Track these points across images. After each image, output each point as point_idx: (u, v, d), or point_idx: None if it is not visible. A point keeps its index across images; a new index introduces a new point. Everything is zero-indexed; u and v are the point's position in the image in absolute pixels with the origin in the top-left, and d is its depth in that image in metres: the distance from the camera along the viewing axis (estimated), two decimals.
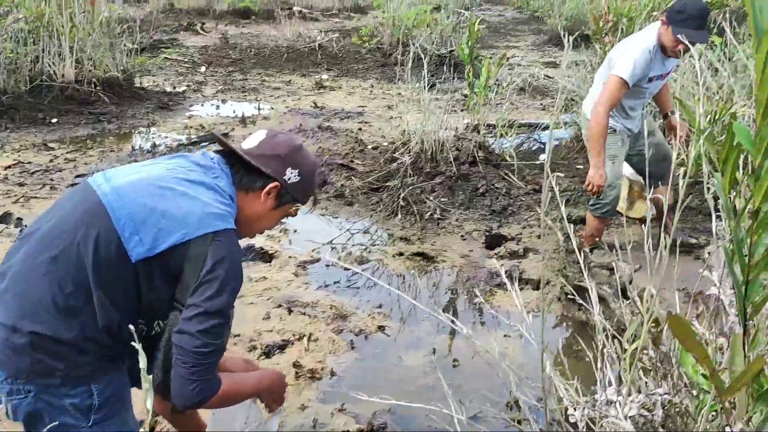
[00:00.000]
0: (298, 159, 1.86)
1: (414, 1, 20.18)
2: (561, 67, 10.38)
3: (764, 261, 1.13)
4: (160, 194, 1.66)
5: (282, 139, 1.88)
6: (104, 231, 1.62)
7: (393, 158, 5.15)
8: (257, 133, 1.89)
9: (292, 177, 1.83)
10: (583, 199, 4.81)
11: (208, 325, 1.62)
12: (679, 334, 1.17)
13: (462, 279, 3.78)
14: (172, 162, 1.82)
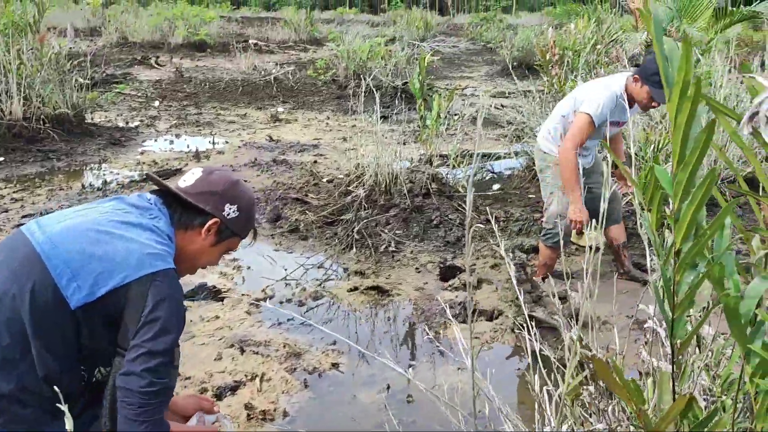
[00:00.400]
0: (236, 194, 1.92)
1: (369, 33, 20.48)
2: (512, 98, 10.60)
3: (688, 299, 1.17)
4: (96, 239, 1.66)
5: (218, 176, 1.93)
6: (40, 280, 1.60)
7: (348, 191, 5.16)
8: (193, 171, 1.94)
9: (230, 212, 1.88)
10: (535, 228, 4.89)
11: (152, 364, 1.61)
12: (603, 377, 1.20)
13: (417, 312, 3.79)
14: (107, 205, 1.83)
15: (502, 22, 30.63)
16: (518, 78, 14.08)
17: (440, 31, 27.71)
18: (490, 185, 5.94)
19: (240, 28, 23.97)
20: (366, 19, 38.41)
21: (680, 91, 0.99)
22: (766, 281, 1.14)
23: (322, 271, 4.34)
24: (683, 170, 1.07)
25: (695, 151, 1.03)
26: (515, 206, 5.36)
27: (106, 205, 1.82)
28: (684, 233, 1.11)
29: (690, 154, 1.04)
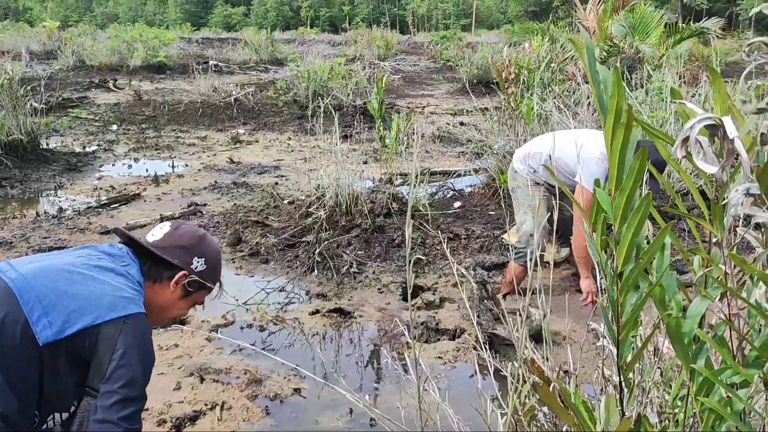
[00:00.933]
0: (203, 248, 1.98)
1: (330, 53, 20.56)
2: (472, 116, 10.72)
3: (632, 320, 1.18)
4: (70, 278, 1.69)
5: (186, 230, 2.00)
6: (11, 314, 1.59)
7: (308, 213, 5.14)
8: (161, 226, 2.00)
9: (198, 266, 1.95)
10: (496, 245, 4.93)
11: (128, 411, 1.64)
12: (547, 402, 1.21)
13: (380, 334, 3.78)
14: (80, 251, 1.87)
15: (461, 41, 30.99)
16: (477, 96, 14.26)
17: (401, 50, 27.91)
18: (452, 203, 5.97)
19: (200, 50, 23.86)
20: (327, 38, 38.56)
21: (614, 118, 1.01)
22: (706, 301, 1.16)
23: (284, 295, 4.30)
24: (620, 195, 1.09)
25: (631, 175, 1.05)
26: (476, 223, 5.40)
27: (79, 252, 1.86)
28: (624, 255, 1.13)
29: (626, 178, 1.06)
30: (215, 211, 5.89)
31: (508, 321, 3.07)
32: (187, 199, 6.34)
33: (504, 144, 5.68)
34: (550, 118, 5.78)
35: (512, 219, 5.41)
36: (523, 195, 3.92)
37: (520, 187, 3.95)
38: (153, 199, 6.40)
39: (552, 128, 5.75)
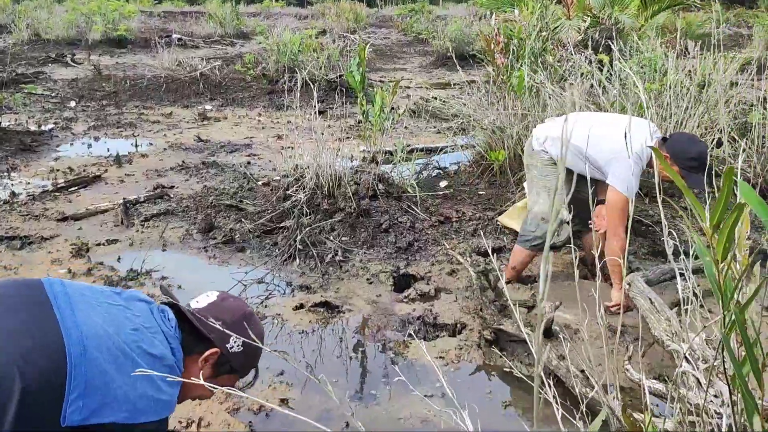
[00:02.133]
0: (245, 327, 1.76)
1: (298, 26, 19.92)
2: (454, 90, 10.35)
3: None
4: (122, 363, 1.55)
5: (232, 305, 1.87)
6: (51, 381, 1.44)
7: (286, 196, 4.73)
8: (207, 294, 1.89)
9: (235, 346, 1.79)
10: (490, 228, 4.59)
11: None
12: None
13: (372, 330, 3.41)
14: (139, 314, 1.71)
15: (430, 14, 30.49)
16: (452, 69, 13.86)
17: (370, 23, 27.30)
18: (438, 182, 5.60)
19: (162, 23, 22.96)
20: (293, 11, 37.62)
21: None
22: None
23: (263, 287, 3.91)
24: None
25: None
26: (467, 204, 5.05)
27: (138, 313, 1.71)
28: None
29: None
30: (184, 194, 5.44)
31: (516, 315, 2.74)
32: (152, 181, 5.87)
33: (494, 119, 5.31)
34: (542, 91, 5.42)
35: (503, 200, 5.09)
36: (541, 174, 3.58)
37: (536, 165, 3.60)
38: (115, 181, 5.91)
39: (544, 101, 5.41)
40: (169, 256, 4.37)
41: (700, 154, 3.18)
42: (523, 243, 3.66)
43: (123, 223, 4.81)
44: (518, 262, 3.75)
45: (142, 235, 4.65)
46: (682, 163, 3.16)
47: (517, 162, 5.34)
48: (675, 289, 3.80)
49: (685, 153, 3.18)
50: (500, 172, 5.37)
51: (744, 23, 22.86)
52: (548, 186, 3.54)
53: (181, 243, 4.54)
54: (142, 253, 4.32)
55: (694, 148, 3.20)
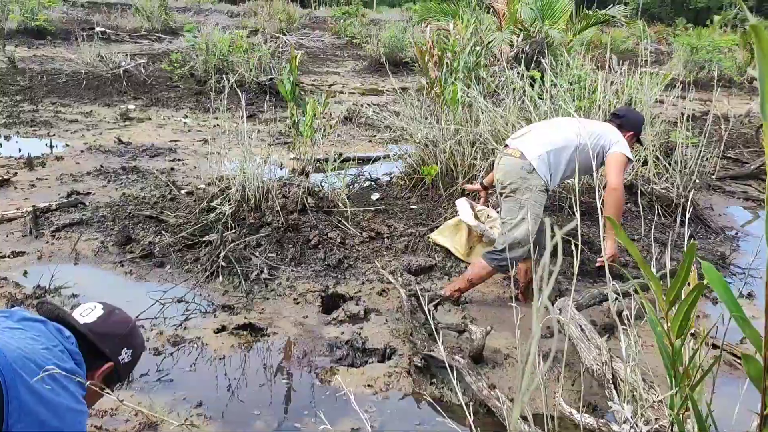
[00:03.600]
0: (133, 338, 1.91)
1: (229, 24, 19.46)
2: (386, 96, 10.29)
3: None
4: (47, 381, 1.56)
5: (120, 317, 1.91)
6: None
7: (210, 207, 4.51)
8: (91, 307, 1.88)
9: (126, 357, 1.87)
10: (422, 245, 4.50)
11: None
12: None
13: (298, 356, 3.26)
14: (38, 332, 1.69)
15: (365, 17, 30.43)
16: (385, 75, 13.80)
17: (303, 24, 26.97)
18: (369, 195, 5.49)
19: (86, 14, 21.99)
20: (224, 8, 36.82)
21: None
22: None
23: (183, 307, 3.69)
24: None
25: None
26: (398, 219, 4.95)
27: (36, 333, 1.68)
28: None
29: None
30: (100, 202, 5.12)
31: (439, 344, 2.64)
32: (66, 187, 5.51)
33: (427, 133, 5.24)
34: (475, 105, 5.39)
35: (435, 215, 5.02)
36: (535, 200, 3.48)
37: (531, 189, 3.47)
38: (25, 185, 5.52)
39: (477, 116, 5.38)
40: (81, 270, 4.08)
41: (642, 119, 4.06)
42: (490, 260, 3.55)
43: (32, 233, 4.48)
44: (477, 276, 3.64)
45: (52, 247, 4.33)
46: (640, 130, 3.96)
47: (450, 177, 5.29)
48: (602, 311, 3.82)
49: (640, 121, 4.00)
50: (432, 186, 5.30)
51: (664, 40, 23.82)
52: (537, 213, 3.47)
53: (95, 256, 4.26)
54: (51, 268, 4.01)
55: (639, 115, 4.09)
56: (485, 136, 5.13)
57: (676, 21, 39.72)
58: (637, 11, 51.36)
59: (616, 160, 3.54)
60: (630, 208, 5.21)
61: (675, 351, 0.92)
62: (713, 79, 14.22)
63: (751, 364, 0.77)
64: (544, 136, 3.60)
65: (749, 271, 4.51)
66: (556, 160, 3.51)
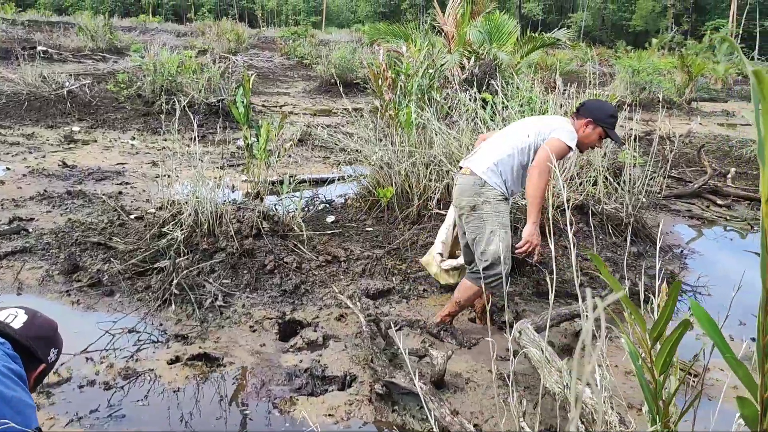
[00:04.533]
0: (58, 338, 2.02)
1: (176, 44, 19.22)
2: (339, 117, 10.28)
3: None
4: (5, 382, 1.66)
5: (43, 321, 1.99)
6: None
7: (162, 233, 4.39)
8: (14, 313, 1.94)
9: (53, 356, 1.98)
10: (379, 268, 4.47)
11: None
12: None
13: (255, 386, 3.17)
14: None
15: (314, 38, 30.53)
16: (336, 96, 13.82)
17: (252, 44, 26.88)
18: (325, 217, 5.44)
19: (26, 33, 21.40)
20: (171, 28, 36.48)
21: None
22: None
23: (134, 338, 3.56)
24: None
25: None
26: (354, 242, 4.92)
27: None
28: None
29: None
30: (45, 229, 4.94)
31: (408, 368, 2.60)
32: (8, 213, 5.30)
33: (382, 155, 5.23)
34: (428, 127, 5.42)
35: (391, 237, 5.00)
36: (495, 210, 3.44)
37: (489, 201, 3.45)
38: None
39: (431, 138, 5.40)
40: (24, 301, 3.90)
41: (614, 110, 3.60)
42: (475, 280, 3.51)
43: None
44: (465, 299, 3.59)
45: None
46: (606, 121, 3.54)
47: (405, 198, 5.29)
48: (559, 332, 3.85)
49: (605, 112, 3.56)
50: (388, 208, 5.29)
51: (606, 62, 24.58)
52: (503, 223, 3.45)
53: (40, 286, 4.09)
54: None
55: (608, 107, 3.61)
56: (440, 158, 5.15)
57: (616, 43, 41.16)
58: (579, 34, 52.97)
59: (548, 144, 3.42)
60: (582, 228, 5.29)
61: (658, 387, 0.91)
62: (654, 100, 14.73)
63: (746, 406, 0.77)
64: (492, 149, 3.60)
65: (697, 289, 4.63)
66: (505, 168, 3.50)
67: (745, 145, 9.59)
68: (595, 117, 3.54)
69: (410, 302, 4.14)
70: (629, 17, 59.66)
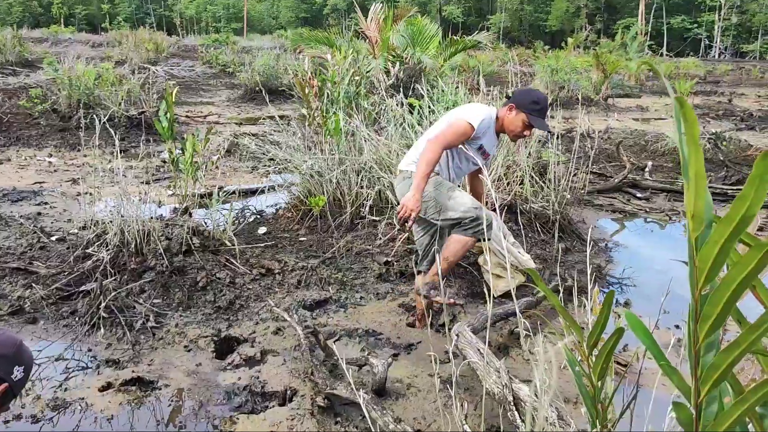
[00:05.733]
0: (22, 355, 1.96)
1: (92, 55, 18.57)
2: (265, 126, 10.14)
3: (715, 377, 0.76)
4: None
5: (4, 339, 1.94)
6: None
7: (86, 254, 4.23)
8: None
9: (18, 374, 1.91)
10: (315, 278, 4.44)
11: None
12: None
13: (193, 408, 3.09)
14: None
15: (236, 45, 30.10)
16: (261, 103, 13.66)
17: (172, 53, 26.26)
18: (256, 229, 5.36)
19: None
20: (85, 38, 35.27)
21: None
22: None
23: (62, 366, 3.40)
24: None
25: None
26: (288, 253, 4.87)
27: None
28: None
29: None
30: None
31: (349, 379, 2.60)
32: None
33: (312, 164, 5.20)
34: (357, 135, 5.43)
35: (325, 246, 4.98)
36: (434, 187, 3.54)
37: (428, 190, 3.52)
38: None
39: (360, 145, 5.42)
40: None
41: (539, 97, 3.54)
42: (462, 231, 3.53)
43: None
44: (452, 253, 3.57)
45: None
46: (527, 107, 3.50)
47: (338, 206, 5.28)
48: (494, 331, 3.92)
49: (528, 98, 3.53)
50: (321, 216, 5.26)
51: (526, 62, 25.26)
52: (450, 187, 3.55)
53: None
54: None
55: (533, 94, 3.57)
56: (370, 164, 5.17)
57: (534, 44, 42.36)
58: (499, 36, 54.23)
59: (451, 124, 3.46)
60: (511, 227, 5.41)
61: (596, 393, 0.94)
62: (573, 98, 15.22)
63: (681, 411, 0.80)
64: (415, 146, 3.73)
65: (623, 281, 4.80)
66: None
67: (660, 139, 10.02)
68: (517, 102, 3.54)
69: (348, 311, 4.13)
70: (545, 18, 61.55)
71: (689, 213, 0.72)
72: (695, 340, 0.77)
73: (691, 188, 0.71)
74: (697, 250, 0.74)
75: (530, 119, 3.52)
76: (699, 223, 0.72)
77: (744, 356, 0.78)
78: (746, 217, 0.70)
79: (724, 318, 0.75)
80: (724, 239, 0.72)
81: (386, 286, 4.50)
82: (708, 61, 41.12)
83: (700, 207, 0.72)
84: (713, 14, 52.93)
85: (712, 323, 0.75)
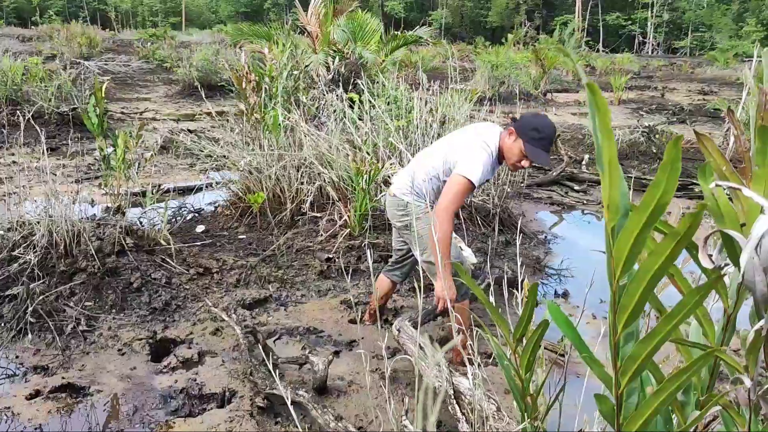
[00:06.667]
0: None
1: (20, 49, 17.86)
2: (203, 122, 9.95)
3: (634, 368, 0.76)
4: None
5: None
6: None
7: (12, 257, 4.04)
8: None
9: None
10: (254, 277, 4.37)
11: None
12: None
13: (128, 413, 2.99)
14: None
15: (174, 40, 29.42)
16: (199, 99, 13.38)
17: (107, 48, 25.49)
18: (194, 228, 5.24)
19: None
20: (14, 32, 33.89)
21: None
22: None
23: None
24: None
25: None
26: (227, 251, 4.77)
27: None
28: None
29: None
30: None
31: (288, 372, 2.55)
32: None
33: (250, 160, 5.11)
34: (297, 130, 5.36)
35: (265, 243, 4.90)
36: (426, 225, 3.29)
37: (419, 217, 3.34)
38: None
39: (300, 141, 5.35)
40: None
41: (542, 125, 3.14)
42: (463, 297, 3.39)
43: None
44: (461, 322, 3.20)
45: None
46: (525, 134, 3.13)
47: (278, 203, 5.21)
48: (436, 325, 3.93)
49: (528, 124, 3.15)
50: (260, 213, 5.18)
51: (467, 58, 25.53)
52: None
53: None
54: None
55: (537, 120, 3.18)
56: (310, 160, 5.11)
57: (475, 39, 42.87)
58: (440, 31, 54.62)
59: (451, 181, 3.19)
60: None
61: (525, 385, 0.93)
62: (512, 93, 15.46)
63: (603, 403, 0.80)
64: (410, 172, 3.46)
65: (562, 272, 4.89)
66: (422, 190, 3.39)
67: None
68: (518, 127, 3.18)
69: (288, 309, 4.07)
70: (486, 14, 62.31)
71: (605, 202, 0.72)
72: (614, 330, 0.77)
73: (606, 177, 0.70)
74: (613, 240, 0.73)
75: (526, 149, 3.14)
76: (615, 212, 0.72)
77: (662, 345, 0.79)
78: (660, 204, 0.69)
79: (641, 308, 0.75)
80: (639, 228, 0.71)
81: (328, 283, 4.46)
82: (642, 57, 42.40)
83: (615, 196, 0.71)
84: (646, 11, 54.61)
85: (629, 313, 0.75)
